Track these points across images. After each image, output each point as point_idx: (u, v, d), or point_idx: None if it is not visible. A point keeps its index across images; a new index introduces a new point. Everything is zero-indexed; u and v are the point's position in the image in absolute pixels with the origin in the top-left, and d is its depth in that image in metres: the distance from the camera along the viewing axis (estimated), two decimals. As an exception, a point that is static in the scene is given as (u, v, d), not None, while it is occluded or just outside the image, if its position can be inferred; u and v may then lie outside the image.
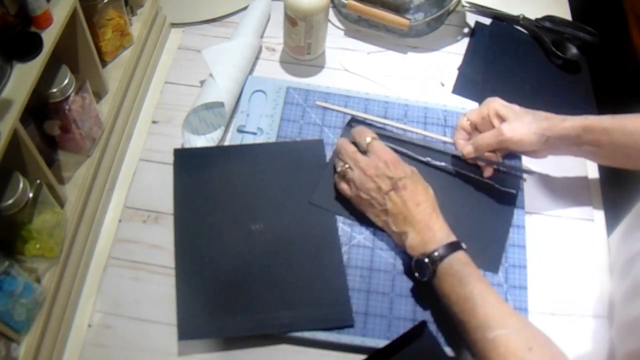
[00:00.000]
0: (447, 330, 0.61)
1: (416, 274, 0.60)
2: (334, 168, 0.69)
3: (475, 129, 0.71)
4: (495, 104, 0.68)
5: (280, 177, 0.71)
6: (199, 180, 0.70)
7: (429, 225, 0.61)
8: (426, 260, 0.59)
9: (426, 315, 0.63)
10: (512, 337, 0.52)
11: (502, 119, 0.67)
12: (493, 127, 0.68)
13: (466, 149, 0.70)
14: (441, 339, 0.61)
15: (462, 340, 0.57)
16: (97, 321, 0.62)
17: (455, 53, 0.87)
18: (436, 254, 0.58)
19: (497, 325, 0.53)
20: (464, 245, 0.60)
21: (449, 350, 0.61)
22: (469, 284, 0.56)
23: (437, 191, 0.65)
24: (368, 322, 0.62)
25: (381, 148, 0.65)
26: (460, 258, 0.59)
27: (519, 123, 0.66)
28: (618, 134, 0.64)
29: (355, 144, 0.68)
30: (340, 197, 0.69)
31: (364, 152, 0.66)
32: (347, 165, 0.66)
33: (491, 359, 0.52)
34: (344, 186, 0.67)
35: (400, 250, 0.65)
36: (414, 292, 0.64)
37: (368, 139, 0.66)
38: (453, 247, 0.59)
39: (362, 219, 0.68)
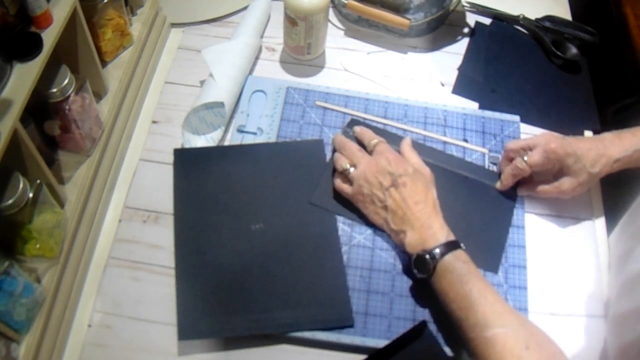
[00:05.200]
0: (447, 330, 0.61)
1: (415, 271, 0.60)
2: (334, 167, 0.69)
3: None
4: (560, 151, 0.65)
5: (280, 177, 0.71)
6: (199, 180, 0.70)
7: (428, 224, 0.61)
8: (427, 256, 0.59)
9: (426, 315, 0.63)
10: (510, 336, 0.52)
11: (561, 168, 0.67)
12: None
13: (522, 192, 0.71)
14: (441, 339, 0.61)
15: (461, 340, 0.57)
16: (97, 321, 0.62)
17: (455, 53, 0.87)
18: (437, 250, 0.59)
19: (495, 323, 0.53)
20: (462, 246, 0.60)
21: (448, 350, 0.61)
22: (469, 282, 0.56)
23: (438, 191, 0.65)
24: (368, 322, 0.62)
25: (386, 148, 0.67)
26: (460, 256, 0.59)
27: (577, 181, 0.66)
28: None
29: (359, 143, 0.69)
30: (340, 197, 0.69)
31: (369, 152, 0.68)
32: (348, 164, 0.66)
33: (488, 357, 0.52)
34: (343, 185, 0.68)
35: (400, 250, 0.65)
36: (414, 292, 0.64)
37: (375, 141, 0.68)
38: (452, 245, 0.59)
39: (362, 219, 0.68)
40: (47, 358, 0.58)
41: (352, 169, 0.66)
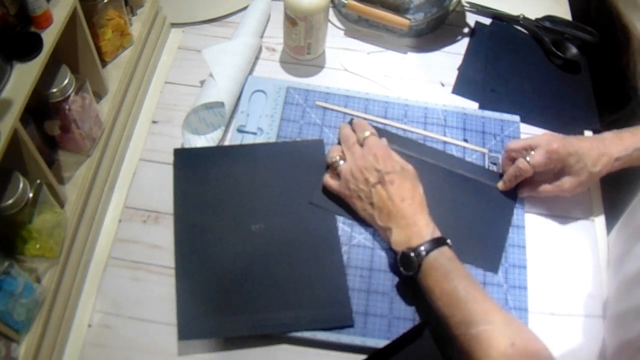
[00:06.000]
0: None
1: (401, 269, 0.60)
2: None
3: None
4: (562, 151, 0.66)
5: (280, 177, 0.71)
6: (199, 180, 0.70)
7: (413, 221, 0.61)
8: (412, 254, 0.59)
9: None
10: (495, 333, 0.52)
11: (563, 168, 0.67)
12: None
13: (524, 194, 0.71)
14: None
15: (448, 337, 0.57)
16: (97, 321, 0.62)
17: (455, 53, 0.87)
18: (422, 248, 0.59)
19: (481, 320, 0.53)
20: (449, 242, 0.60)
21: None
22: (454, 279, 0.57)
23: (437, 191, 0.65)
24: (368, 322, 0.62)
25: (375, 142, 0.67)
26: (445, 253, 0.59)
27: (578, 180, 0.67)
28: None
29: None
30: (340, 197, 0.69)
31: (360, 145, 0.67)
32: (338, 157, 0.67)
33: (474, 353, 0.52)
34: (330, 181, 0.68)
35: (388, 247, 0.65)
36: (413, 292, 0.64)
37: (367, 133, 0.68)
38: (438, 242, 0.59)
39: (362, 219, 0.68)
40: (47, 358, 0.58)
41: (341, 162, 0.67)
